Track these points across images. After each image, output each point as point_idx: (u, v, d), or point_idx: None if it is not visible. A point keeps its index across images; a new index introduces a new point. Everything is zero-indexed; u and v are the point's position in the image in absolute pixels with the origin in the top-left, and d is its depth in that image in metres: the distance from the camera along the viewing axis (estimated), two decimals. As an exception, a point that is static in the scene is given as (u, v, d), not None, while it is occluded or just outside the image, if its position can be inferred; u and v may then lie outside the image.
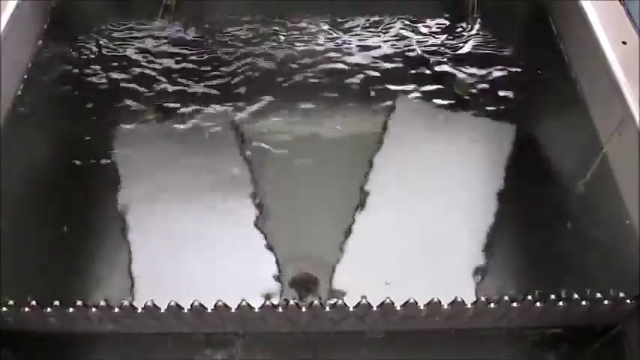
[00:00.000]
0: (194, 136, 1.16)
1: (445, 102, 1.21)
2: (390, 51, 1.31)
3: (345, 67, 1.28)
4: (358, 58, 1.30)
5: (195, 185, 1.09)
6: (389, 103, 1.21)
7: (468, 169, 1.12)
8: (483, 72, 1.26)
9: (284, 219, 1.04)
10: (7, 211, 1.01)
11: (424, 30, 1.36)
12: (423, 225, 1.04)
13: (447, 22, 1.37)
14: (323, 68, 1.28)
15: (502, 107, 1.20)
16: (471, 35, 1.34)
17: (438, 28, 1.36)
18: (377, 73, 1.27)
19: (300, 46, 1.32)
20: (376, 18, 1.38)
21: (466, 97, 1.22)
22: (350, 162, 1.13)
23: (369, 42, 1.33)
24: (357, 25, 1.37)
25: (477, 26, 1.36)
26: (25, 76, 1.22)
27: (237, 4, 1.41)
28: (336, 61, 1.29)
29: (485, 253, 0.99)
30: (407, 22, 1.37)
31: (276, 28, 1.36)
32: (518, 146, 1.14)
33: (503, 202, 1.05)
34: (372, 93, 1.23)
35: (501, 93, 1.22)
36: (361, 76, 1.26)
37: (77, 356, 0.92)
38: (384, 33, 1.35)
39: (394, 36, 1.34)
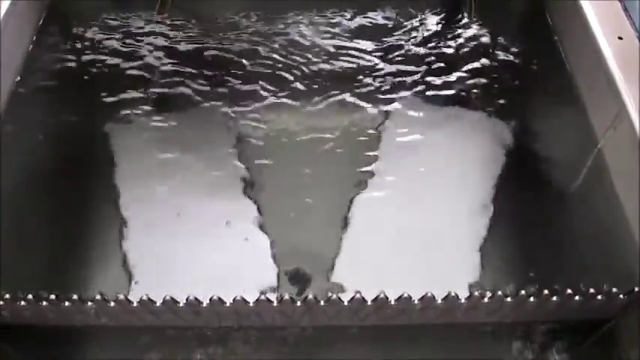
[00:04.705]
0: (192, 130, 1.17)
1: (441, 101, 1.21)
2: (387, 46, 1.31)
3: (344, 62, 1.28)
4: (356, 54, 1.30)
5: (192, 180, 1.09)
6: (387, 98, 1.22)
7: (464, 165, 1.12)
8: (479, 68, 1.26)
9: (282, 214, 1.05)
10: (3, 204, 1.01)
11: (419, 25, 1.36)
12: (420, 220, 1.04)
13: (444, 18, 1.37)
14: (322, 63, 1.28)
15: (498, 102, 1.20)
16: (468, 30, 1.34)
17: (434, 23, 1.36)
18: (375, 69, 1.27)
19: (297, 41, 1.32)
20: (369, 12, 1.38)
21: (462, 95, 1.22)
22: (348, 157, 1.13)
23: (366, 36, 1.33)
24: (351, 20, 1.37)
25: (473, 21, 1.36)
26: (22, 69, 1.22)
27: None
28: (336, 57, 1.29)
29: (480, 248, 0.99)
30: (403, 17, 1.37)
31: (274, 21, 1.36)
32: (514, 141, 1.14)
33: (498, 198, 1.06)
34: (371, 88, 1.23)
35: (497, 88, 1.23)
36: (360, 71, 1.26)
37: (76, 350, 0.92)
38: (378, 28, 1.35)
39: (389, 32, 1.34)
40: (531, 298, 0.81)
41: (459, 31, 1.34)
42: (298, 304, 0.81)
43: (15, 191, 1.05)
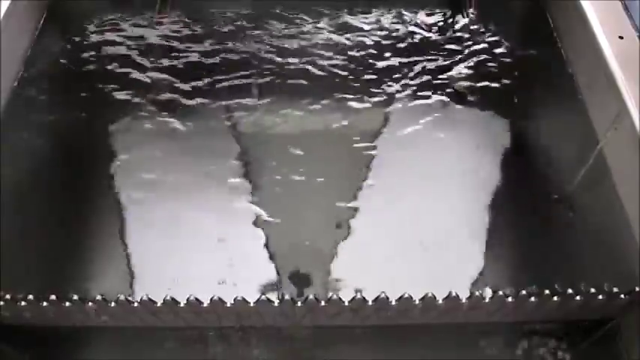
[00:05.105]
0: (191, 129, 1.17)
1: (441, 99, 1.21)
2: (385, 46, 1.31)
3: (342, 62, 1.28)
4: (354, 53, 1.30)
5: (192, 179, 1.09)
6: (386, 98, 1.22)
7: (464, 165, 1.12)
8: (480, 67, 1.26)
9: (281, 214, 1.05)
10: (3, 203, 1.01)
11: (419, 23, 1.35)
12: (420, 219, 1.04)
13: (443, 16, 1.37)
14: (320, 63, 1.28)
15: (498, 102, 1.20)
16: (467, 29, 1.34)
17: (433, 22, 1.36)
18: (375, 66, 1.27)
19: (296, 40, 1.32)
20: (369, 9, 1.38)
21: (462, 94, 1.22)
22: (347, 158, 1.13)
23: (366, 36, 1.33)
24: (351, 19, 1.37)
25: (473, 20, 1.36)
26: (22, 69, 1.22)
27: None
28: (333, 57, 1.29)
29: (480, 247, 0.99)
30: (401, 16, 1.37)
31: (274, 20, 1.36)
32: (514, 141, 1.14)
33: (499, 198, 1.06)
34: (370, 88, 1.23)
35: (497, 87, 1.22)
36: (358, 71, 1.26)
37: (76, 350, 0.92)
38: (377, 26, 1.35)
39: (388, 30, 1.34)
40: (532, 298, 0.81)
41: (459, 29, 1.34)
42: (299, 304, 0.81)
43: (15, 191, 1.05)
